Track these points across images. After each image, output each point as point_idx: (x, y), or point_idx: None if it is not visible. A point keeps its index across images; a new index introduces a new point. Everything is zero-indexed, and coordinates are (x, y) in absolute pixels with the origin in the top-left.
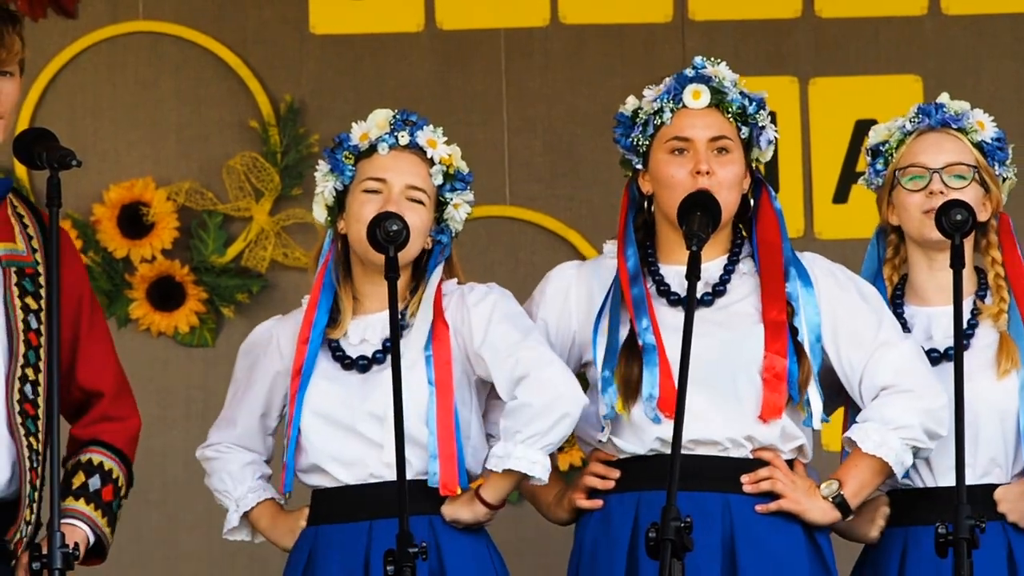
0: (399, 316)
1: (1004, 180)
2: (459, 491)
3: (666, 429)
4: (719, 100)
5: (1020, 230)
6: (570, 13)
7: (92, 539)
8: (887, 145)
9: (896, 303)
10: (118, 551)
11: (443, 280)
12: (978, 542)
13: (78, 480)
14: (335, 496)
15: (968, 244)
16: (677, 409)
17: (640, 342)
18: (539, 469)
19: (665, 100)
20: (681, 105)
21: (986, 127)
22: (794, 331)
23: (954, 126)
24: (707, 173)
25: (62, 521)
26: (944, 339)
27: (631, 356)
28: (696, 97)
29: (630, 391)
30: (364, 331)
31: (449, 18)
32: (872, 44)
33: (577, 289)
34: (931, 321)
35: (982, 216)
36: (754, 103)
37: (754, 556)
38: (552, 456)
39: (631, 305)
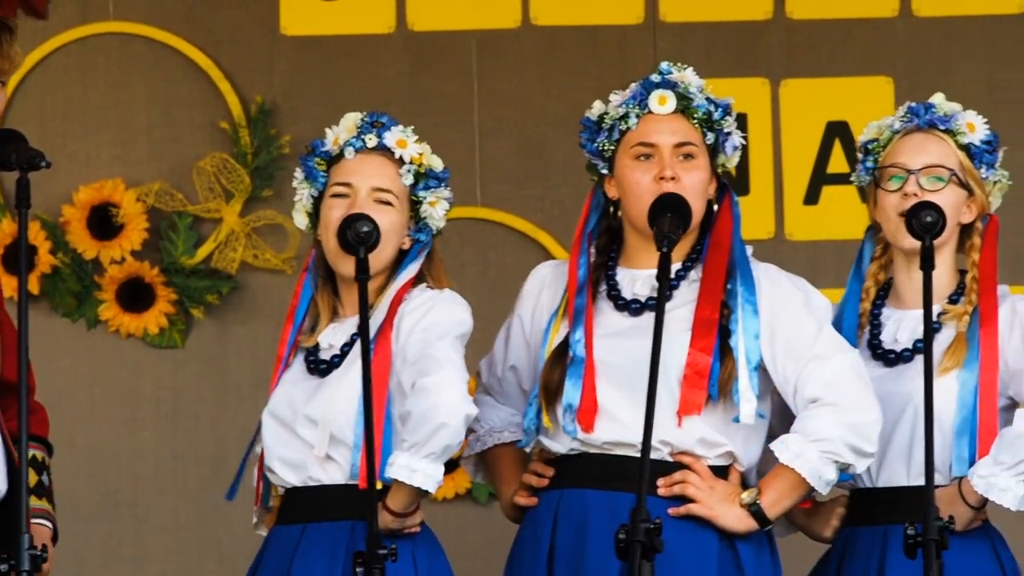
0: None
1: (995, 183)
2: (379, 485)
3: (582, 434)
4: (685, 106)
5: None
6: (541, 14)
7: (53, 534)
8: (876, 143)
9: (877, 303)
10: (88, 553)
11: (416, 283)
12: (947, 542)
13: (33, 479)
14: (286, 497)
15: (951, 246)
16: (647, 408)
17: (570, 352)
18: (420, 478)
19: (631, 105)
20: (647, 110)
21: (977, 129)
22: (727, 332)
23: (941, 127)
24: (672, 179)
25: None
26: (908, 340)
27: (556, 363)
28: (662, 103)
29: (549, 396)
30: (334, 336)
31: (420, 19)
32: (843, 46)
33: (550, 288)
34: (901, 323)
35: (964, 219)
36: (720, 109)
37: (660, 558)
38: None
39: (571, 314)
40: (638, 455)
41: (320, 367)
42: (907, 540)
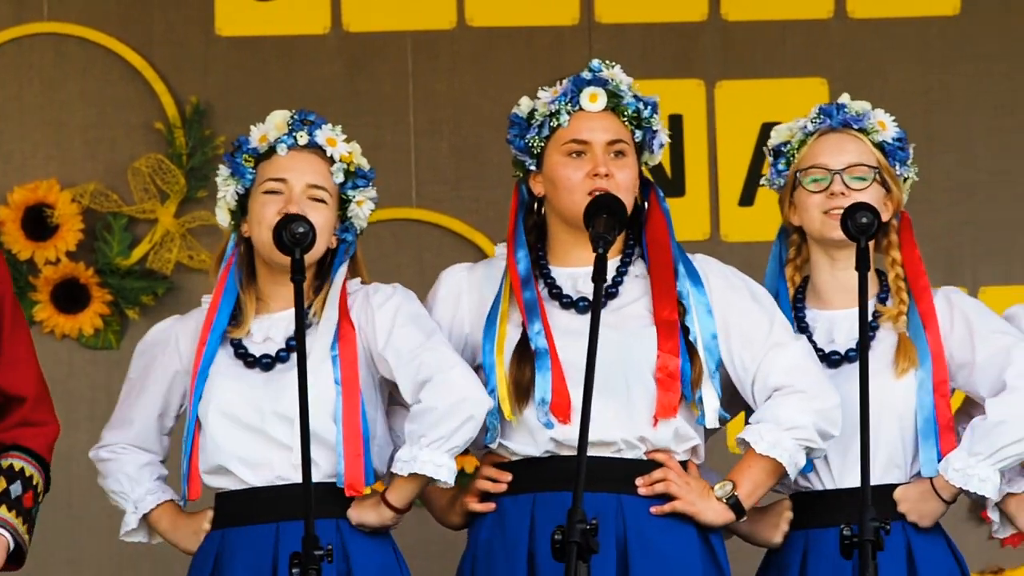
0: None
1: (905, 180)
2: (366, 491)
3: (560, 431)
4: (615, 103)
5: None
6: (477, 15)
7: (12, 546)
8: (789, 146)
9: (797, 305)
10: None
11: (347, 279)
12: (882, 544)
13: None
14: (241, 498)
15: (869, 245)
16: (583, 411)
17: (532, 346)
18: (445, 472)
19: (562, 102)
20: (578, 108)
21: (887, 127)
22: (685, 331)
23: (855, 126)
24: (605, 176)
25: None
26: (846, 341)
27: (522, 360)
28: (593, 100)
29: (521, 394)
30: (268, 330)
31: (355, 20)
32: (778, 47)
33: (469, 292)
34: (833, 324)
35: (883, 216)
36: (648, 107)
37: (646, 557)
38: None
39: (523, 308)
40: (615, 455)
41: (262, 361)
42: (843, 541)
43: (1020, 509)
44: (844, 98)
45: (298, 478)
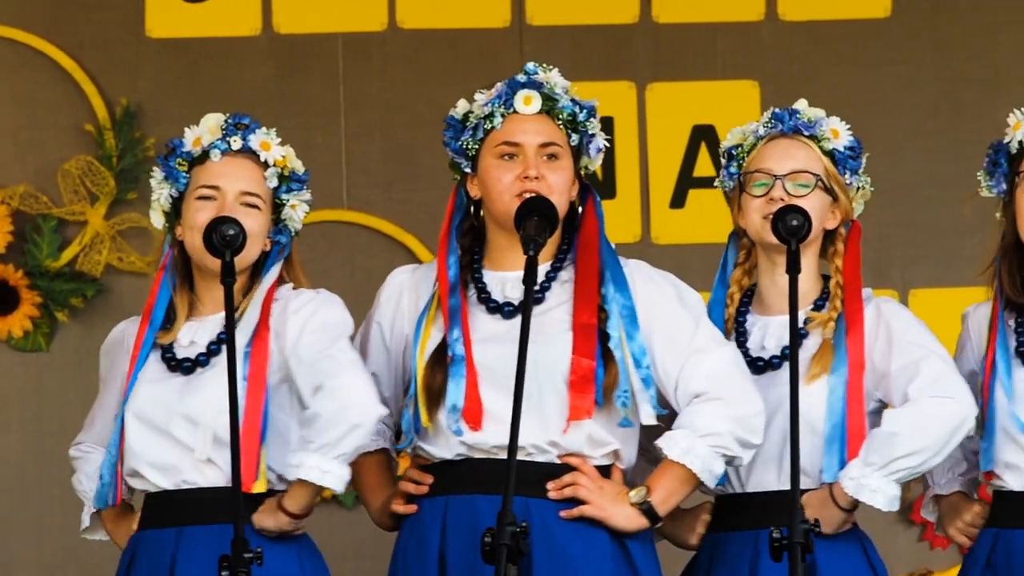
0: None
1: (858, 189)
2: (257, 489)
3: (471, 434)
4: (550, 107)
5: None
6: (408, 18)
7: None
8: (740, 148)
9: (741, 310)
10: None
11: (280, 284)
12: (812, 546)
13: None
14: (153, 501)
15: (814, 252)
16: (514, 413)
17: (449, 352)
18: (331, 479)
19: (496, 105)
20: (512, 110)
21: (840, 135)
22: (606, 336)
23: (806, 133)
24: (536, 178)
25: None
26: (774, 347)
27: (436, 365)
28: (527, 103)
29: (432, 399)
30: (195, 333)
31: (287, 22)
32: (710, 50)
33: (409, 293)
34: (767, 329)
35: (829, 224)
36: (585, 110)
37: (549, 561)
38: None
39: (446, 315)
40: (526, 458)
41: (183, 365)
42: (772, 543)
43: (945, 511)
44: (800, 103)
45: (202, 482)
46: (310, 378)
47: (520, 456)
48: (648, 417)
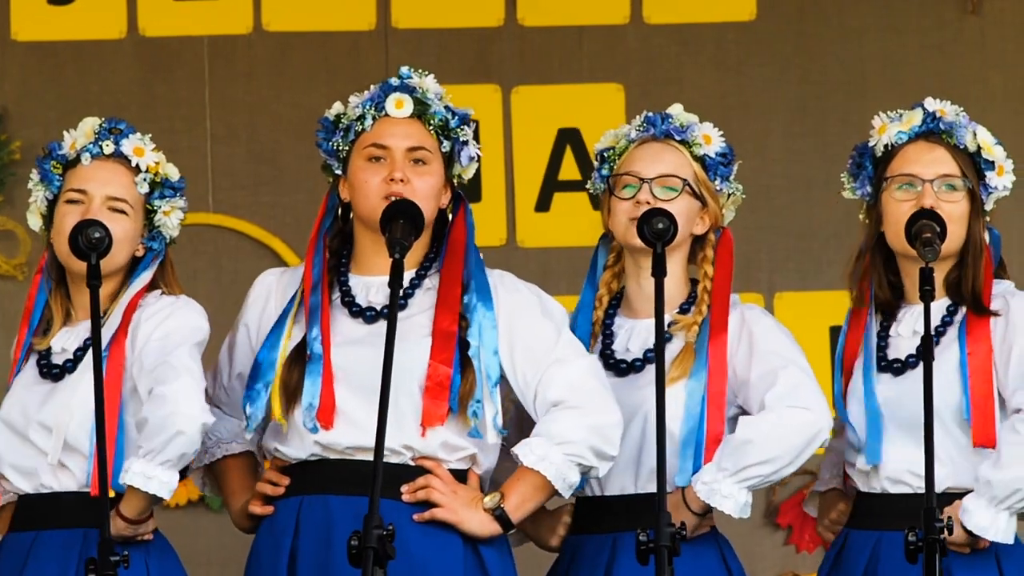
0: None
1: (729, 196)
2: (112, 493)
3: (323, 435)
4: (422, 111)
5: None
6: (273, 20)
7: None
8: (612, 151)
9: (609, 313)
10: None
11: (148, 290)
12: (679, 549)
13: None
14: (16, 505)
15: (682, 256)
16: (380, 416)
17: (308, 351)
18: (155, 485)
19: (368, 107)
20: (383, 113)
21: (712, 141)
22: (466, 344)
23: (676, 138)
24: (402, 181)
25: None
26: (639, 350)
27: (294, 363)
28: (399, 106)
29: (288, 396)
30: (67, 340)
31: (152, 25)
32: (575, 53)
33: (276, 295)
34: (633, 332)
35: (697, 230)
36: (457, 117)
37: (401, 562)
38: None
39: (307, 313)
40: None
41: (53, 371)
42: (639, 546)
43: (819, 509)
44: (673, 108)
45: (57, 487)
46: (147, 383)
47: (371, 457)
48: (492, 437)
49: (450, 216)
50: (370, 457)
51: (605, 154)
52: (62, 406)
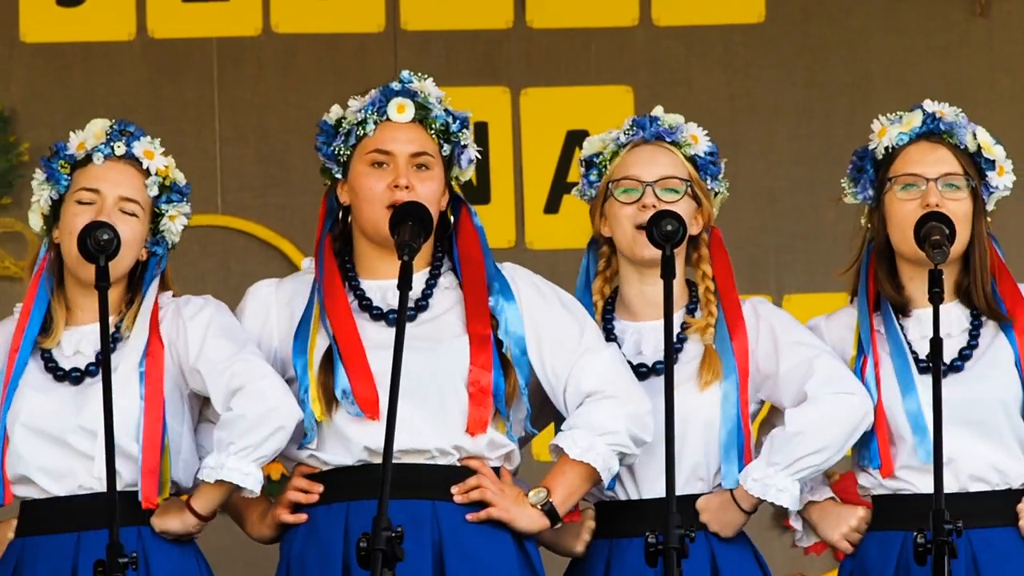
0: (116, 328)
1: (716, 194)
2: (159, 502)
3: (373, 438)
4: (423, 116)
5: (745, 238)
6: (282, 22)
7: None
8: (601, 157)
9: (607, 316)
10: None
11: (159, 293)
12: (687, 551)
13: None
14: (43, 507)
15: (680, 258)
16: (388, 419)
17: (334, 351)
18: (251, 481)
19: (369, 112)
20: (385, 118)
21: (700, 141)
22: (499, 344)
23: (668, 139)
24: (406, 187)
25: None
26: (653, 353)
27: (330, 365)
28: (400, 111)
29: (328, 397)
30: (78, 342)
31: (161, 27)
32: (583, 55)
33: (278, 307)
34: (641, 336)
35: (693, 230)
36: (458, 121)
37: (463, 563)
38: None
39: (331, 316)
40: (428, 461)
41: (71, 374)
42: (647, 548)
43: (822, 518)
44: (657, 111)
45: (100, 488)
46: (225, 382)
47: (422, 459)
48: (518, 433)
49: (451, 218)
50: (417, 460)
51: (594, 159)
52: (100, 411)
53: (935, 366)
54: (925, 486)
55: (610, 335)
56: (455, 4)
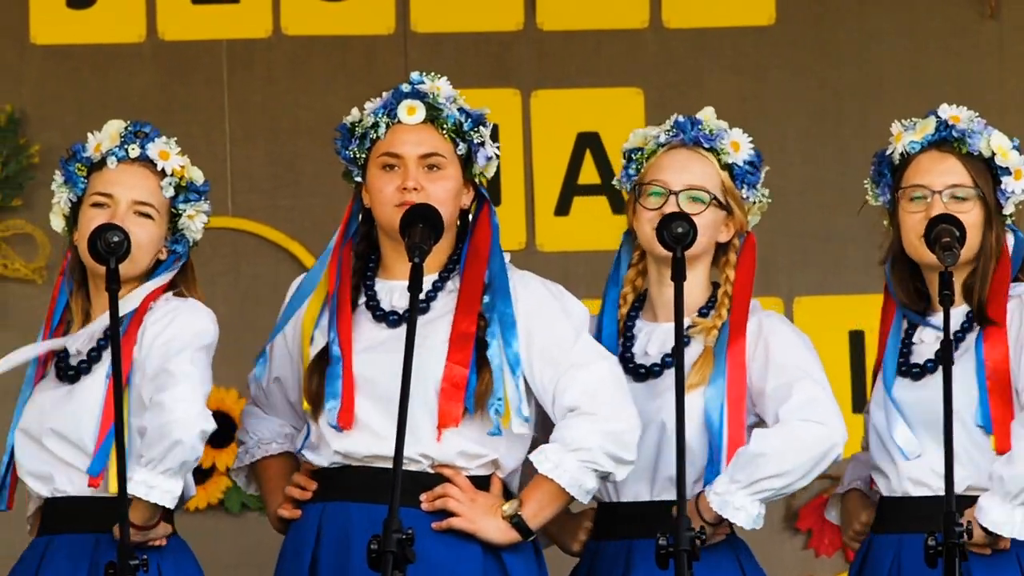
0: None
1: (755, 203)
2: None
3: (343, 443)
4: (434, 116)
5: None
6: (292, 24)
7: None
8: (640, 152)
9: (631, 315)
10: None
11: (164, 292)
12: (699, 553)
13: None
14: (44, 509)
15: (706, 262)
16: (400, 420)
17: (329, 355)
18: (157, 494)
19: (380, 114)
20: (395, 120)
21: (741, 149)
22: (484, 344)
23: (706, 145)
24: (415, 189)
25: None
26: (656, 354)
27: (314, 371)
28: (410, 113)
29: (312, 399)
30: (82, 341)
31: (171, 29)
32: (594, 57)
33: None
34: (651, 336)
35: (722, 238)
36: (471, 119)
37: (423, 571)
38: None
39: (329, 317)
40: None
41: (69, 373)
42: (659, 551)
43: (844, 516)
44: (705, 112)
45: (72, 491)
46: (148, 391)
47: (390, 465)
48: (517, 426)
49: (472, 217)
50: (389, 465)
51: (633, 155)
52: (75, 413)
53: (945, 369)
54: (901, 489)
55: (628, 333)
56: (465, 6)
